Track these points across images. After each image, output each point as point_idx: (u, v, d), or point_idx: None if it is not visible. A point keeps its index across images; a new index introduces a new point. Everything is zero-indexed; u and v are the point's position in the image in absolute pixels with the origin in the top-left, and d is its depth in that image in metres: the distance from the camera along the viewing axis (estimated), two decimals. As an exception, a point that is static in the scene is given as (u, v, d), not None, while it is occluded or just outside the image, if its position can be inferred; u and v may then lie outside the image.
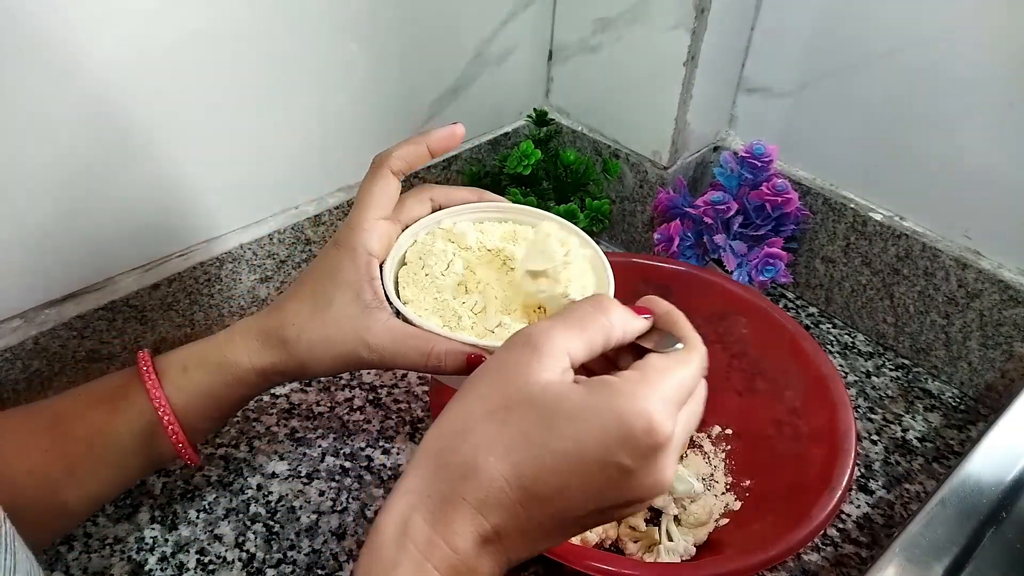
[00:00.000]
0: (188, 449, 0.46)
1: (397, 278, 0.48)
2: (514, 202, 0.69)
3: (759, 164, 0.70)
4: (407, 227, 0.49)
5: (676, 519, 0.56)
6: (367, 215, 0.46)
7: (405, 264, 0.48)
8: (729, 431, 0.63)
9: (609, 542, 0.56)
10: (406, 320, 0.44)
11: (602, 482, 0.32)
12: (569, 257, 0.44)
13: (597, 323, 0.34)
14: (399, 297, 0.47)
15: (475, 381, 0.34)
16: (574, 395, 0.32)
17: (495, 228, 0.51)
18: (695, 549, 0.55)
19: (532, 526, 0.32)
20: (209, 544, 0.55)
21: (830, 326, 0.77)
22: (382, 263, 0.46)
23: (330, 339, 0.44)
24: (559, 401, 0.32)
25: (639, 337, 0.37)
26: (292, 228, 0.66)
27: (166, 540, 0.55)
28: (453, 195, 0.50)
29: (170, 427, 0.44)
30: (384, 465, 0.61)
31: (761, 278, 0.69)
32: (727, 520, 0.56)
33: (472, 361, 0.42)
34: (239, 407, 0.48)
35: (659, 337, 0.37)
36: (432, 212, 0.50)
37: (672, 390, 0.33)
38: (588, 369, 0.36)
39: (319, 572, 0.54)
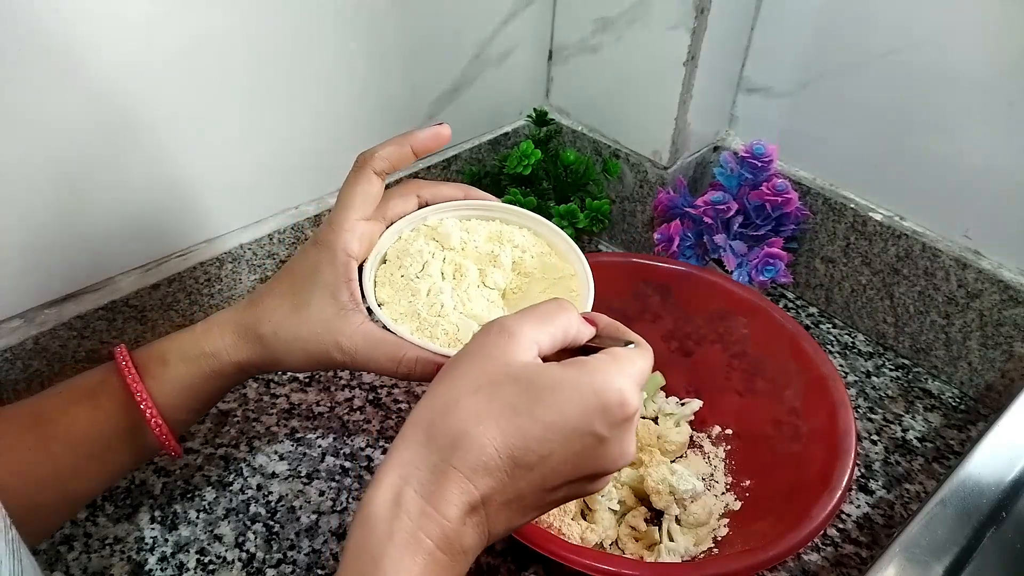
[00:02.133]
0: (171, 440, 0.46)
1: (376, 277, 0.48)
2: (512, 202, 0.69)
3: (759, 164, 0.70)
4: (392, 223, 0.48)
5: (676, 519, 0.56)
6: (348, 215, 0.45)
7: (386, 262, 0.48)
8: (729, 431, 0.63)
9: (609, 542, 0.56)
10: (382, 324, 0.44)
11: (580, 450, 0.34)
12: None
13: (560, 319, 0.38)
14: (376, 297, 0.47)
15: (457, 362, 0.36)
16: (553, 371, 0.35)
17: (482, 227, 0.51)
18: (695, 549, 0.55)
19: (515, 496, 0.34)
20: (209, 544, 0.55)
21: (830, 326, 0.77)
22: (362, 264, 0.46)
23: (305, 339, 0.45)
24: (540, 376, 0.34)
25: (587, 342, 0.40)
26: (292, 228, 0.66)
27: (166, 540, 0.55)
28: (440, 191, 0.50)
29: (153, 419, 0.44)
30: (384, 465, 0.61)
31: (761, 278, 0.69)
32: (727, 520, 0.56)
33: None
34: (218, 398, 0.49)
35: (610, 342, 0.40)
36: (419, 208, 0.50)
37: (637, 373, 0.36)
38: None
39: (319, 572, 0.54)
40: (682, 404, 0.64)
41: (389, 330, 0.44)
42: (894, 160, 0.68)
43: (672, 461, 0.60)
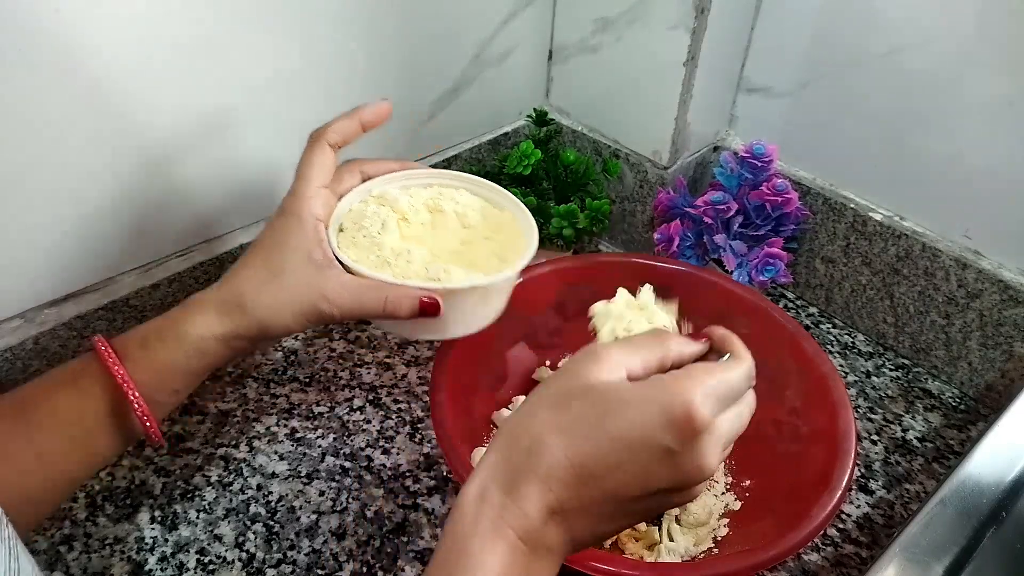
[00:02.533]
0: (153, 422, 0.46)
1: (339, 242, 0.51)
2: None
3: (759, 164, 0.70)
4: (341, 197, 0.52)
5: (676, 519, 0.56)
6: (310, 183, 0.49)
7: (342, 231, 0.52)
8: (729, 431, 0.62)
9: (609, 542, 0.56)
10: (360, 273, 0.48)
11: (649, 462, 0.35)
12: None
13: (651, 344, 0.39)
14: (339, 251, 0.50)
15: (547, 380, 0.39)
16: (625, 388, 0.36)
17: (421, 192, 0.55)
18: (695, 549, 0.55)
19: (591, 503, 0.35)
20: (209, 544, 0.55)
21: (830, 326, 0.77)
22: (326, 227, 0.49)
23: (289, 300, 0.47)
24: (613, 392, 0.36)
25: (699, 359, 0.42)
26: (292, 228, 0.66)
27: (166, 540, 0.55)
28: (381, 166, 0.54)
29: (135, 400, 0.45)
30: (384, 465, 0.61)
31: (761, 278, 0.69)
32: (727, 520, 0.56)
33: (425, 304, 0.47)
34: (201, 378, 0.49)
35: (715, 357, 0.42)
36: (362, 182, 0.54)
37: (713, 385, 0.36)
38: None
39: (319, 572, 0.54)
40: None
41: (368, 277, 0.47)
42: (894, 160, 0.68)
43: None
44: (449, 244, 0.53)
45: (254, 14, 0.56)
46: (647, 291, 0.52)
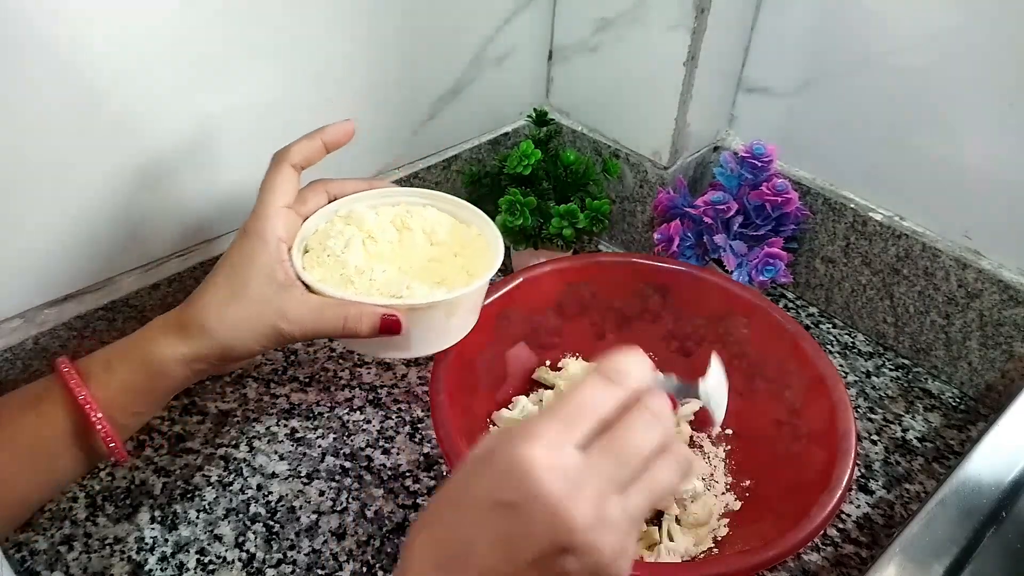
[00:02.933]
0: (118, 443, 0.46)
1: (304, 262, 0.50)
2: (512, 202, 0.69)
3: (759, 164, 0.70)
4: (307, 219, 0.52)
5: (676, 519, 0.56)
6: (272, 204, 0.48)
7: (308, 251, 0.51)
8: (729, 431, 0.63)
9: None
10: (322, 293, 0.48)
11: (500, 526, 0.31)
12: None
13: (566, 401, 0.33)
14: (303, 273, 0.50)
15: (465, 463, 0.35)
16: (473, 456, 0.34)
17: (389, 210, 0.55)
18: (695, 549, 0.55)
19: None
20: (209, 544, 0.55)
21: (830, 326, 0.77)
22: (290, 248, 0.49)
23: (250, 320, 0.46)
24: (467, 466, 0.34)
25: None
26: (292, 228, 0.66)
27: (166, 540, 0.55)
28: (346, 186, 0.54)
29: (98, 423, 0.44)
30: (384, 465, 0.61)
31: (761, 278, 0.69)
32: (727, 520, 0.56)
33: (386, 322, 0.47)
34: (164, 400, 0.49)
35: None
36: (329, 203, 0.53)
37: (555, 419, 0.32)
38: None
39: (319, 572, 0.54)
40: (682, 404, 0.64)
41: (329, 296, 0.47)
42: (894, 160, 0.68)
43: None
44: (417, 261, 0.53)
45: (253, 15, 0.56)
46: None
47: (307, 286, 0.48)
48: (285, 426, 0.64)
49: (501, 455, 0.31)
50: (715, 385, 0.45)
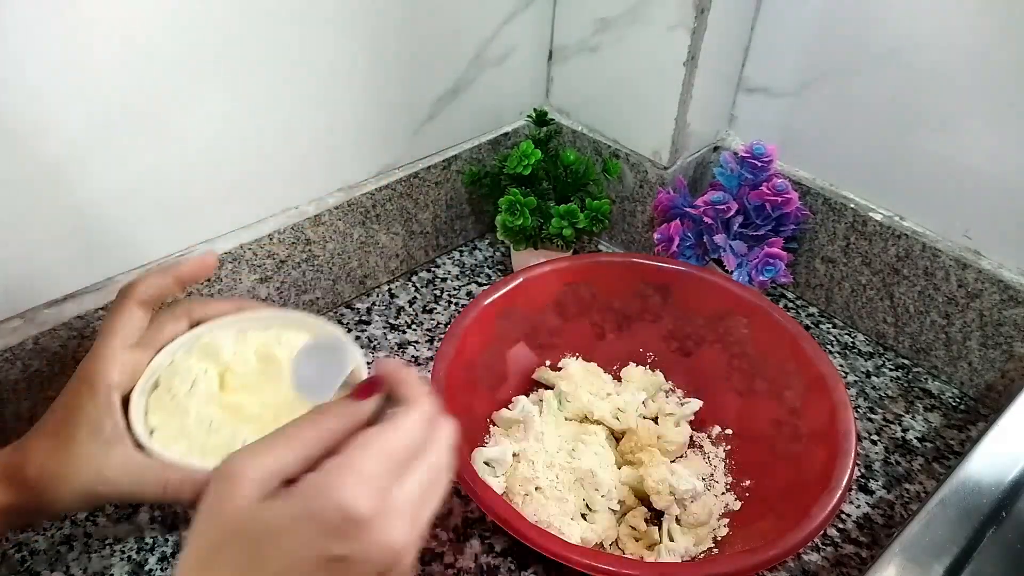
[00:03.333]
0: None
1: (149, 403, 0.46)
2: (512, 202, 0.69)
3: (759, 164, 0.70)
4: (164, 347, 0.47)
5: (676, 519, 0.56)
6: (109, 345, 0.44)
7: (157, 387, 0.46)
8: (729, 431, 0.63)
9: (609, 542, 0.56)
10: (149, 451, 0.43)
11: None
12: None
13: (303, 434, 0.34)
14: (147, 423, 0.45)
15: (193, 521, 0.33)
16: (274, 510, 0.31)
17: (257, 336, 0.49)
18: (695, 549, 0.55)
19: None
20: (209, 544, 0.55)
21: (830, 326, 0.77)
22: (129, 393, 0.45)
23: (68, 476, 0.42)
24: (262, 522, 0.31)
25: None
26: (292, 228, 0.66)
27: (166, 540, 0.55)
28: (211, 308, 0.48)
29: None
30: (384, 465, 0.61)
31: (761, 278, 0.69)
32: (727, 520, 0.56)
33: None
34: None
35: (390, 407, 0.36)
36: (192, 328, 0.48)
37: (370, 465, 0.32)
38: None
39: (319, 572, 0.54)
40: (682, 404, 0.64)
41: (156, 456, 0.42)
42: (894, 160, 0.68)
43: (672, 461, 0.60)
44: (280, 396, 0.46)
45: (253, 15, 0.56)
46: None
47: (137, 440, 0.43)
48: (285, 426, 0.64)
49: (325, 511, 0.31)
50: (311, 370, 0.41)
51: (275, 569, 0.31)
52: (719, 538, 0.55)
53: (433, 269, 0.81)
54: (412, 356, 0.70)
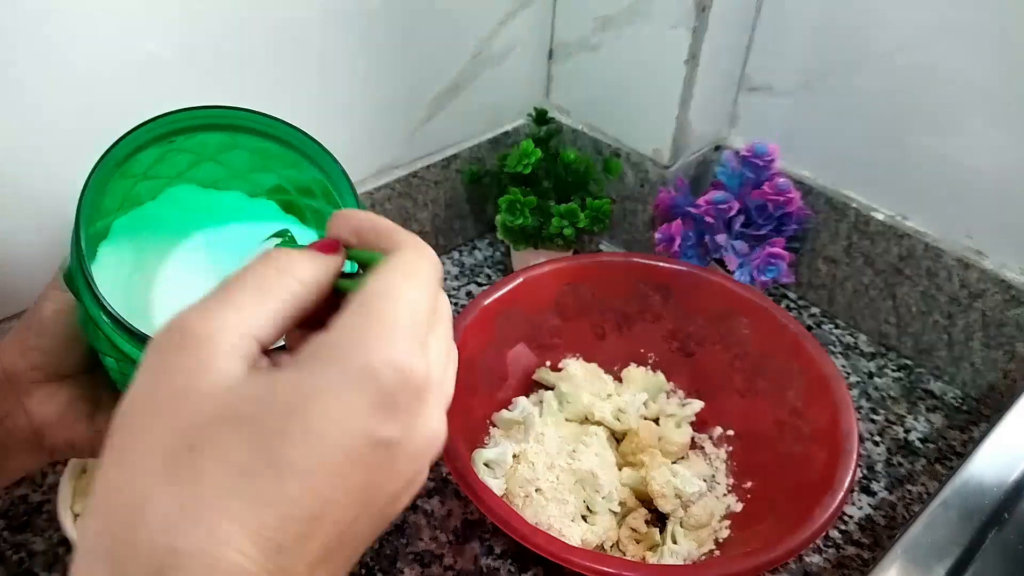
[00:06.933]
0: None
1: (75, 488, 0.50)
2: (512, 201, 0.69)
3: (761, 163, 0.70)
4: None
5: (679, 522, 0.56)
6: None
7: (84, 473, 0.50)
8: (731, 432, 0.62)
9: (610, 544, 0.56)
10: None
11: (369, 476, 0.23)
12: None
13: (273, 287, 0.25)
14: (72, 510, 0.49)
15: (127, 417, 0.23)
16: (285, 384, 0.23)
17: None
18: (697, 551, 0.54)
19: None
20: (208, 545, 0.55)
21: (832, 326, 0.77)
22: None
23: None
24: (267, 401, 0.22)
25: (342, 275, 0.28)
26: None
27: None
28: None
29: None
30: (384, 466, 0.61)
31: (763, 278, 0.69)
32: (729, 522, 0.56)
33: None
34: None
35: (366, 257, 0.28)
36: None
37: (408, 315, 0.24)
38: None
39: (318, 573, 0.53)
40: (683, 405, 0.64)
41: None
42: (896, 160, 0.68)
43: (673, 463, 0.60)
44: None
45: (253, 13, 0.56)
46: None
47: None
48: (284, 426, 0.63)
49: (379, 375, 0.23)
50: None
51: (305, 463, 0.22)
52: (720, 540, 0.55)
53: (433, 269, 0.80)
54: (412, 356, 0.70)
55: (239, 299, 0.24)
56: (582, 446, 0.59)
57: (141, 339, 0.33)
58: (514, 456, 0.58)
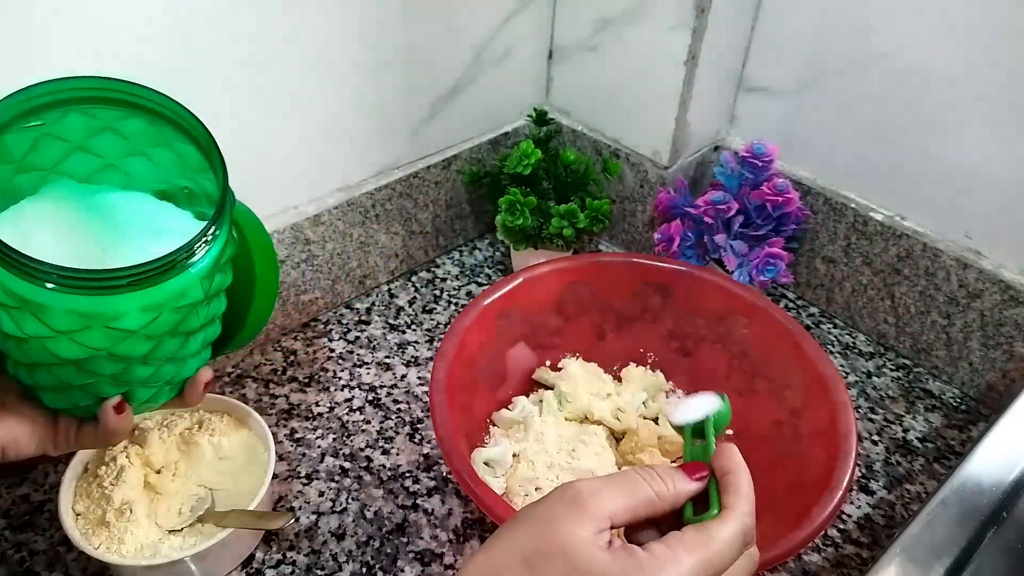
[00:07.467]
0: None
1: (76, 486, 0.52)
2: (512, 202, 0.69)
3: (760, 164, 0.70)
4: None
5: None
6: None
7: (86, 471, 0.53)
8: (729, 431, 0.62)
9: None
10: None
11: None
12: None
13: (646, 494, 0.35)
14: (73, 510, 0.51)
15: (516, 524, 0.34)
16: (601, 558, 0.32)
17: (180, 422, 0.56)
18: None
19: None
20: (208, 544, 0.55)
21: (831, 326, 0.77)
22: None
23: None
24: (587, 560, 0.32)
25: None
26: (292, 228, 0.66)
27: (165, 540, 0.55)
28: None
29: None
30: (384, 465, 0.61)
31: (762, 278, 0.69)
32: (727, 520, 0.56)
33: None
34: None
35: (704, 501, 0.37)
36: None
37: (699, 567, 0.33)
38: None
39: (319, 573, 0.54)
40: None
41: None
42: (895, 160, 0.68)
43: (672, 462, 0.60)
44: (205, 477, 0.54)
45: (254, 15, 0.56)
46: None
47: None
48: (284, 426, 0.64)
49: None
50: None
51: None
52: (719, 538, 0.55)
53: (433, 269, 0.81)
54: (412, 356, 0.70)
55: (614, 490, 0.35)
56: (582, 445, 0.59)
57: (26, 266, 0.34)
58: (514, 455, 0.58)
